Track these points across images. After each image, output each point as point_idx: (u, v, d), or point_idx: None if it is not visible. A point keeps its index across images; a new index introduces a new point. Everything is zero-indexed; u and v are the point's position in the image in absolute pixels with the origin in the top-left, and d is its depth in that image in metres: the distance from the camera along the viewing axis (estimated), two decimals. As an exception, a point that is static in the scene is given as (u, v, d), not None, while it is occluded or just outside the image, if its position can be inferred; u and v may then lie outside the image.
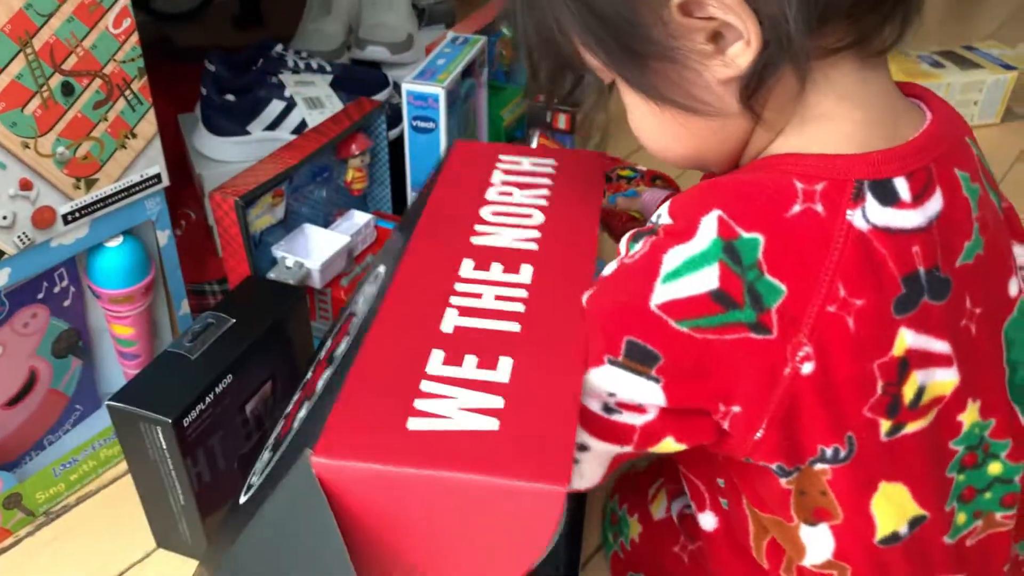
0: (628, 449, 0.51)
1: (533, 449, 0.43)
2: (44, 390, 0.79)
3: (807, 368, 0.46)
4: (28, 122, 0.65)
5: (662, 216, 0.49)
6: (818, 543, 0.53)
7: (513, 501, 0.42)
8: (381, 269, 0.63)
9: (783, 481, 0.51)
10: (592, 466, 0.51)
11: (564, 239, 0.60)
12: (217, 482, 0.72)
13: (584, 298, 0.51)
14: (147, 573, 0.74)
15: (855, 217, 0.46)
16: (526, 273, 0.56)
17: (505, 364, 0.48)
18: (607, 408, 0.49)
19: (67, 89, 0.66)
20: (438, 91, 0.96)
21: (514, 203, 0.64)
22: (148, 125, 0.73)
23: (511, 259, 0.57)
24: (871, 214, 0.46)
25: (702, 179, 0.60)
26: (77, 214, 0.71)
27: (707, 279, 0.46)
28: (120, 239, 0.76)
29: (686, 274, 0.46)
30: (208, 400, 0.68)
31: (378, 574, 0.45)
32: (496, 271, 0.56)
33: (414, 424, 0.44)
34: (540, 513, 0.42)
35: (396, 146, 1.03)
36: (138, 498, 0.72)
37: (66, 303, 0.78)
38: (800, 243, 0.46)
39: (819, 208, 0.46)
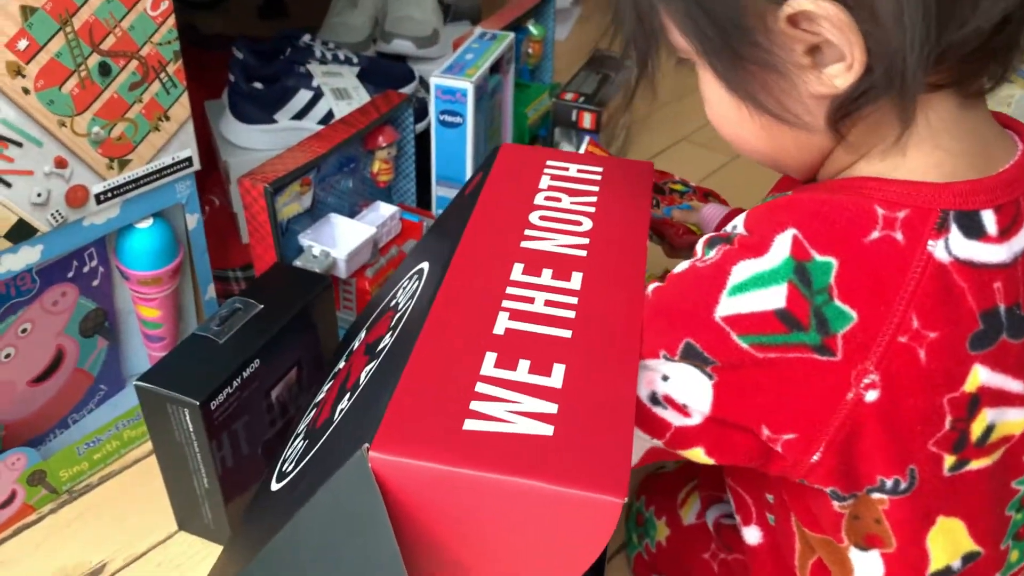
0: (658, 444, 0.51)
1: (589, 457, 0.43)
2: (70, 369, 0.80)
3: (871, 396, 0.45)
4: (65, 101, 0.65)
5: (738, 227, 0.49)
6: (868, 568, 0.52)
7: (569, 509, 0.42)
8: (424, 266, 0.63)
9: (837, 505, 0.50)
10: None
11: (613, 247, 0.59)
12: (240, 467, 0.72)
13: (650, 289, 0.51)
14: (168, 555, 0.74)
15: (936, 248, 0.45)
16: (576, 280, 0.55)
17: (558, 370, 0.48)
18: (653, 399, 0.49)
19: (104, 69, 0.67)
20: (467, 86, 0.96)
21: (563, 209, 0.63)
22: (181, 108, 0.73)
23: (561, 265, 0.57)
24: (954, 246, 0.45)
25: (770, 192, 0.60)
26: (109, 194, 0.71)
27: (774, 297, 0.45)
28: (150, 221, 0.76)
29: (753, 289, 0.46)
30: (235, 384, 0.68)
31: (426, 573, 0.45)
32: (546, 276, 0.56)
33: (471, 425, 0.44)
34: (595, 522, 0.42)
35: (421, 140, 1.03)
36: (160, 479, 0.72)
37: (95, 283, 0.78)
38: (876, 270, 0.45)
39: (899, 236, 0.45)
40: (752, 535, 0.60)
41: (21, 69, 0.62)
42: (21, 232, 0.66)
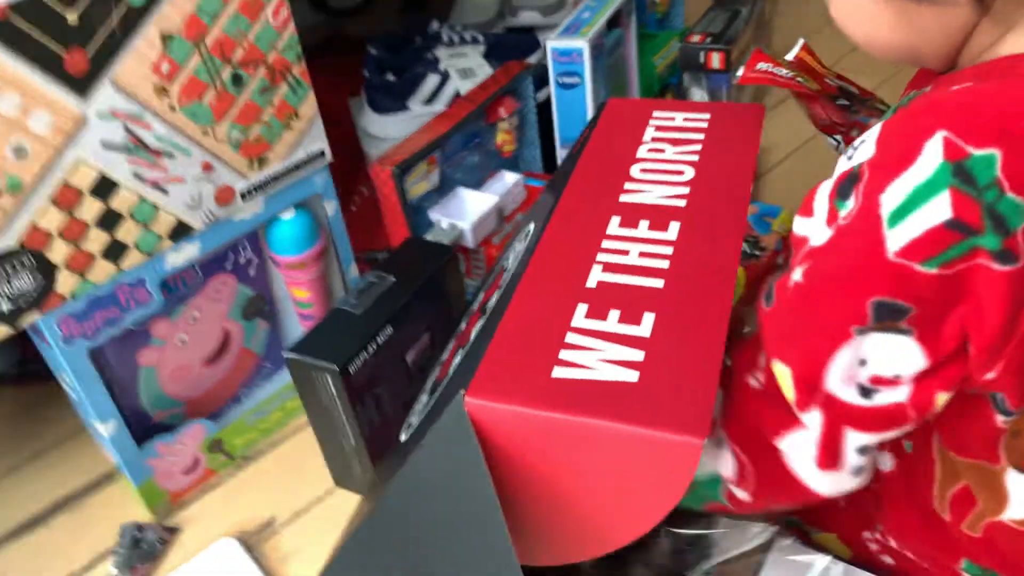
0: (907, 428, 0.48)
1: (672, 401, 0.44)
2: (237, 349, 0.90)
3: None
4: (206, 112, 0.73)
5: (865, 149, 0.45)
6: None
7: (650, 450, 0.44)
8: (531, 227, 0.66)
9: (1000, 419, 0.48)
10: (869, 461, 0.50)
11: (714, 195, 0.59)
12: (386, 426, 0.79)
13: (799, 275, 0.48)
14: (327, 509, 0.83)
15: None
16: (673, 230, 0.56)
17: (648, 319, 0.50)
18: (864, 391, 0.46)
19: (237, 80, 0.74)
20: (581, 45, 0.98)
21: (665, 159, 0.64)
22: (309, 107, 0.80)
23: (659, 216, 0.58)
24: None
25: (905, 92, 0.56)
26: (253, 191, 0.79)
27: (938, 210, 0.42)
28: (292, 211, 0.84)
29: (914, 209, 0.42)
30: (371, 350, 0.75)
31: (522, 513, 0.49)
32: (643, 228, 0.57)
33: (559, 372, 0.47)
34: (676, 463, 0.43)
35: (545, 107, 1.06)
36: (317, 444, 0.81)
37: (251, 272, 0.87)
38: None
39: None
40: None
41: (166, 89, 0.70)
42: (180, 232, 0.76)
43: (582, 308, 0.51)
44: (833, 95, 0.73)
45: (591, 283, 0.53)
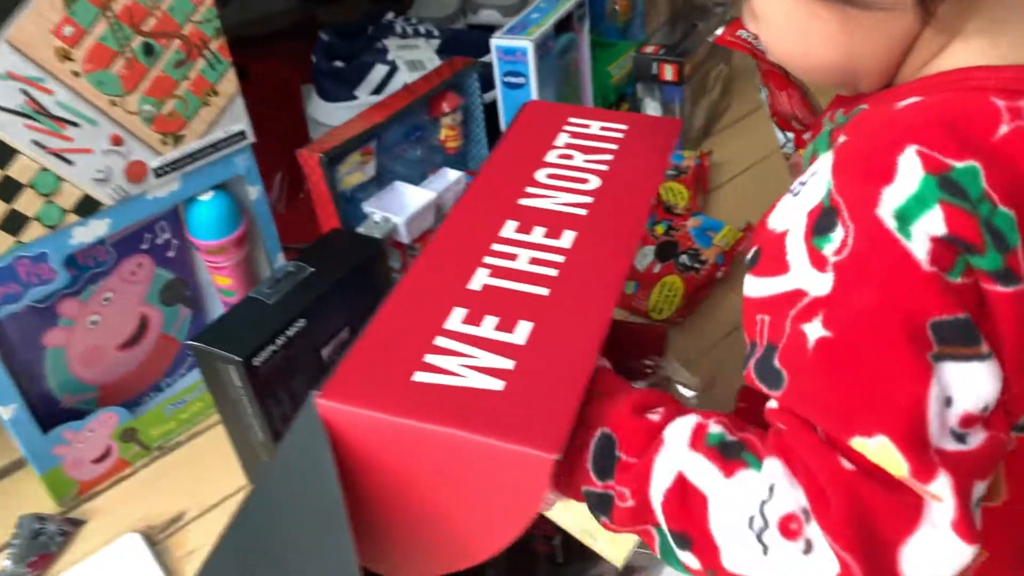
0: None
1: (532, 414, 0.43)
2: (156, 335, 0.86)
3: None
4: (114, 81, 0.70)
5: (818, 182, 0.41)
6: None
7: (503, 462, 0.42)
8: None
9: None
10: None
11: (615, 207, 0.58)
12: (296, 420, 0.76)
13: (816, 332, 0.41)
14: (238, 504, 0.79)
15: None
16: (567, 238, 0.55)
17: (524, 328, 0.48)
18: (959, 438, 0.39)
19: (148, 49, 0.71)
20: (526, 44, 0.96)
21: (573, 166, 0.62)
22: (229, 83, 0.78)
23: (555, 223, 0.56)
24: None
25: (824, 113, 0.54)
26: (167, 168, 0.76)
27: (931, 226, 0.38)
28: (211, 193, 0.81)
29: (915, 218, 0.38)
30: (280, 342, 0.72)
31: (383, 521, 0.47)
32: (537, 234, 0.56)
33: (420, 377, 0.45)
34: (529, 477, 0.42)
35: (494, 107, 1.04)
36: (231, 435, 0.77)
37: (169, 254, 0.84)
38: (1019, 169, 0.39)
39: None
40: None
41: (69, 54, 0.67)
42: (87, 206, 0.72)
43: (459, 312, 0.49)
44: (805, 88, 0.71)
45: (474, 286, 0.51)
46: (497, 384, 0.44)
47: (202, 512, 0.80)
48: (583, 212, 0.57)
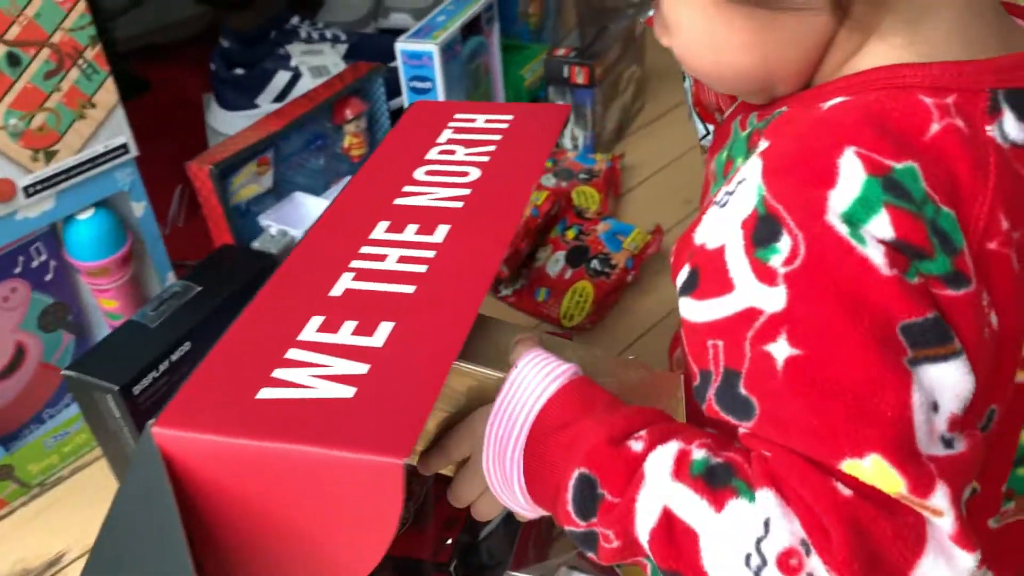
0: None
1: (380, 419, 0.40)
2: (34, 364, 0.80)
3: (994, 320, 0.39)
4: (-27, 94, 0.65)
5: (747, 190, 0.39)
6: None
7: (351, 474, 0.39)
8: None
9: None
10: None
11: (493, 197, 0.56)
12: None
13: (782, 351, 0.38)
14: (123, 543, 0.74)
15: (995, 134, 0.39)
16: (440, 233, 0.52)
17: (384, 329, 0.45)
18: (947, 443, 0.38)
19: (13, 60, 0.66)
20: (431, 48, 0.92)
21: (454, 161, 0.60)
22: (107, 94, 0.72)
23: (429, 219, 0.54)
24: (1009, 130, 0.39)
25: (732, 115, 0.53)
26: (39, 186, 0.71)
27: (879, 229, 0.37)
28: (91, 211, 0.76)
29: (864, 220, 0.37)
30: (162, 368, 0.67)
31: (236, 553, 0.43)
32: (409, 232, 0.53)
33: (265, 394, 0.42)
34: (381, 486, 0.39)
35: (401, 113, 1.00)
36: (115, 469, 0.72)
37: (48, 277, 0.78)
38: (952, 168, 0.38)
39: (960, 124, 0.38)
40: None
41: (-81, 65, 0.62)
42: (-52, 229, 0.67)
43: (316, 320, 0.46)
44: None
45: (336, 292, 0.49)
46: (348, 392, 0.41)
47: (83, 553, 0.74)
48: (459, 205, 0.55)
